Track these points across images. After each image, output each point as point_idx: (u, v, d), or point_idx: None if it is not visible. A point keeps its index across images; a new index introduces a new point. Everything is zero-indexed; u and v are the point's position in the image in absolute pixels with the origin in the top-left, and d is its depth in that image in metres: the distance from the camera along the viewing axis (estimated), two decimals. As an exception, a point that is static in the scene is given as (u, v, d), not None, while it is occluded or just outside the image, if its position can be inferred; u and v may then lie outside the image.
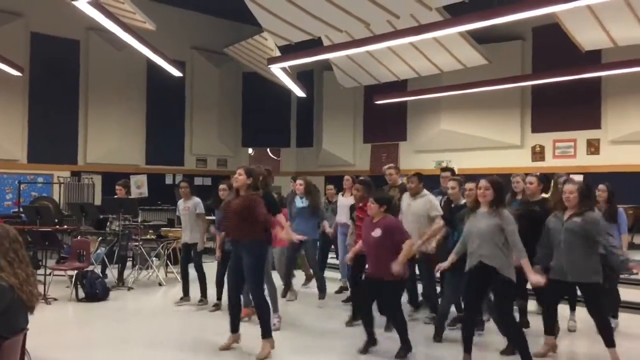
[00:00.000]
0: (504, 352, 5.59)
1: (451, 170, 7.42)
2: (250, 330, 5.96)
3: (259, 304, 5.58)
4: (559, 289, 5.46)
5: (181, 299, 7.91)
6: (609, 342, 5.22)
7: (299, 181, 8.37)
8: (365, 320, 5.79)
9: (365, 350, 5.67)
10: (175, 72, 11.87)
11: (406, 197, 7.10)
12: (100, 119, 14.12)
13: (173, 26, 14.50)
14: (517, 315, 6.33)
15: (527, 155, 12.86)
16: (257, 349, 5.51)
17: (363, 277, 6.29)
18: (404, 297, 6.37)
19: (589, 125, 11.99)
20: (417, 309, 7.21)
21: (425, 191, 7.06)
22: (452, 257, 5.48)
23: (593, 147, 11.99)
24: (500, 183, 5.21)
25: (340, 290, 8.71)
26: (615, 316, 6.66)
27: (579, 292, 5.51)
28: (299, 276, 9.19)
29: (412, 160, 14.46)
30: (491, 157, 12.89)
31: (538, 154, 12.73)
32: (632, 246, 9.42)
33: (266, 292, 6.06)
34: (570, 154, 12.30)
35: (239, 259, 5.59)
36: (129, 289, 8.77)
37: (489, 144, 13.11)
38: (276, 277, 7.48)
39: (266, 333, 5.56)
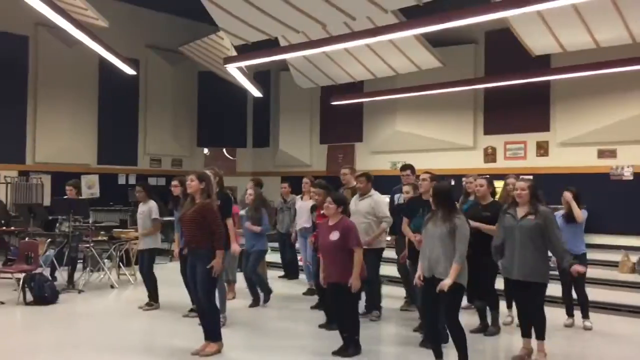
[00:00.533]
0: None
1: (411, 167, 7.49)
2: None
3: (209, 308, 5.58)
4: (509, 287, 5.61)
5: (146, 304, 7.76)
6: (542, 336, 5.44)
7: (249, 191, 8.20)
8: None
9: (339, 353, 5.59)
10: (129, 71, 11.66)
11: (355, 198, 7.21)
12: (50, 117, 13.72)
13: (127, 23, 14.22)
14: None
15: (479, 156, 13.13)
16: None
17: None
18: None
19: (538, 127, 12.32)
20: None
21: (373, 191, 7.16)
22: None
23: (542, 149, 12.33)
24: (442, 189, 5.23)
25: (309, 292, 8.60)
26: (587, 317, 6.86)
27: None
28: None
29: (368, 161, 14.57)
30: (445, 158, 13.10)
31: (490, 155, 13.01)
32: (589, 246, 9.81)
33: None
34: (520, 155, 12.62)
35: (193, 267, 5.60)
36: (80, 291, 8.55)
37: (443, 145, 13.33)
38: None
39: (214, 336, 5.58)
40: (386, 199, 7.62)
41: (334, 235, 5.55)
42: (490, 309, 6.57)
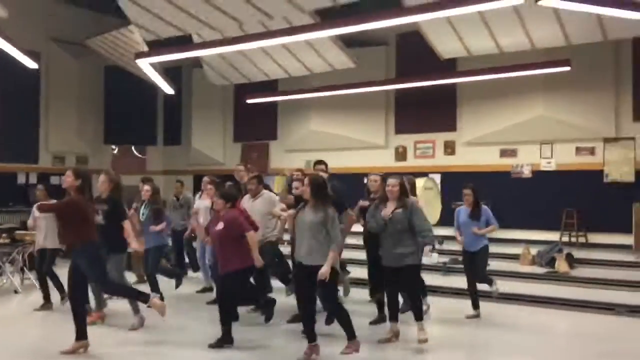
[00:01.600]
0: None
1: (324, 163, 7.71)
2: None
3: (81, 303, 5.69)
4: (389, 275, 6.03)
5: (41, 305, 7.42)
6: (420, 317, 5.94)
7: (145, 187, 8.17)
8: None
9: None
10: (30, 64, 11.06)
11: (247, 198, 7.45)
12: (-60, 111, 12.75)
13: (28, 14, 13.42)
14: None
15: (390, 155, 13.52)
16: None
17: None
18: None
19: (446, 127, 12.86)
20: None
21: (264, 191, 7.53)
22: None
23: (450, 148, 12.89)
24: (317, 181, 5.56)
25: (204, 290, 8.82)
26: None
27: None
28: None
29: (283, 160, 14.64)
30: (358, 157, 13.40)
31: (401, 154, 13.44)
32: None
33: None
34: (429, 154, 13.12)
35: (77, 266, 5.58)
36: (-20, 298, 8.04)
37: (356, 144, 13.61)
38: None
39: (80, 335, 5.57)
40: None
41: (219, 226, 6.00)
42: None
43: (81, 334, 5.57)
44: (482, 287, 7.36)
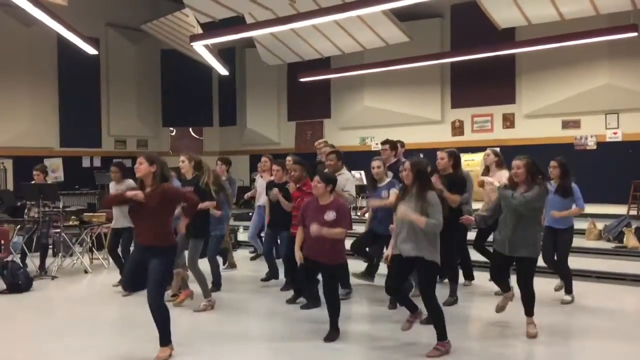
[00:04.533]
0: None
1: (391, 142, 7.49)
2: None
3: (158, 308, 4.87)
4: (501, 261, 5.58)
5: (119, 282, 7.59)
6: (530, 312, 5.46)
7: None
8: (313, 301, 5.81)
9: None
10: (90, 50, 11.32)
11: None
12: (7, 99, 13.30)
13: (86, 1, 13.79)
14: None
15: (447, 130, 13.30)
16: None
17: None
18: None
19: (504, 100, 12.53)
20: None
21: (344, 169, 7.07)
22: None
23: (509, 121, 12.55)
24: (420, 166, 5.05)
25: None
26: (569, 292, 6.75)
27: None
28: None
29: (337, 137, 14.59)
30: (413, 133, 13.22)
31: (458, 128, 13.19)
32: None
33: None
34: (487, 128, 12.82)
35: (145, 262, 4.84)
36: (53, 278, 8.39)
37: (411, 119, 13.44)
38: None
39: (164, 340, 4.94)
40: (357, 174, 7.64)
41: (329, 215, 5.25)
42: (449, 282, 6.72)
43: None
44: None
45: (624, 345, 5.31)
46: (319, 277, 5.74)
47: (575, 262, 8.01)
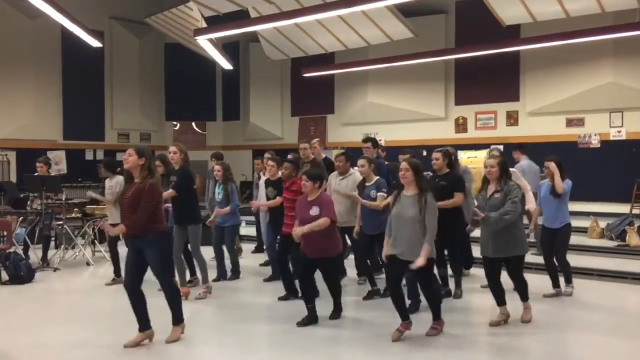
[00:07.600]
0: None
1: (372, 140, 7.57)
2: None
3: (169, 290, 5.12)
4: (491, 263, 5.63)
5: (113, 279, 7.66)
6: (525, 297, 5.67)
7: (216, 167, 7.69)
8: (307, 296, 5.77)
9: (304, 324, 5.64)
10: (94, 43, 11.34)
11: (333, 176, 7.11)
12: (11, 92, 13.29)
13: (90, -6, 13.81)
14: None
15: (450, 127, 13.26)
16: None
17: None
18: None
19: (508, 97, 12.48)
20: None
21: (352, 170, 7.04)
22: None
23: (512, 118, 12.52)
24: (419, 166, 5.16)
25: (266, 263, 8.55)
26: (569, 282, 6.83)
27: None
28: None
29: (340, 133, 14.61)
30: (417, 129, 13.22)
31: (461, 125, 13.16)
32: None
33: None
34: (491, 125, 12.79)
35: (139, 252, 5.00)
36: (55, 269, 8.41)
37: (415, 116, 13.40)
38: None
39: (176, 319, 5.15)
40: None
41: (314, 211, 5.52)
42: (454, 274, 6.74)
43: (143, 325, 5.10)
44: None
45: (625, 342, 5.30)
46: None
47: (577, 260, 8.02)
